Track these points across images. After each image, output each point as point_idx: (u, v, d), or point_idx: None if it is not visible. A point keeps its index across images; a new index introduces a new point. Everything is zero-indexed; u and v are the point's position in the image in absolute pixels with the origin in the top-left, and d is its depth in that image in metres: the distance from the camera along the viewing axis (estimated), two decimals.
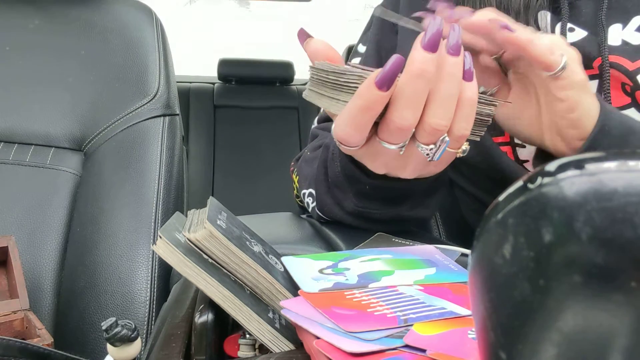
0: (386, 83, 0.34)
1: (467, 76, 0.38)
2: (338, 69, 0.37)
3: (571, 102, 0.42)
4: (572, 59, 0.43)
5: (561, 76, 0.41)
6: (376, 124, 0.38)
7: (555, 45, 0.41)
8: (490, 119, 0.41)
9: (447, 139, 0.38)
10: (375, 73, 0.35)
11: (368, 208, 0.53)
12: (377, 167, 0.42)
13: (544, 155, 0.50)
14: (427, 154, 0.39)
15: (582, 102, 0.42)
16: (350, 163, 0.48)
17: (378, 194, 0.51)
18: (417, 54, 0.35)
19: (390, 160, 0.41)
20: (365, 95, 0.35)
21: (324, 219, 0.60)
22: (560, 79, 0.42)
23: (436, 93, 0.36)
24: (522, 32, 0.40)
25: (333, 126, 0.39)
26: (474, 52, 0.44)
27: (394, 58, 0.34)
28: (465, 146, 0.40)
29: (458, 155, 0.40)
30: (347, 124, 0.37)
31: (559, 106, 0.43)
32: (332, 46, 0.40)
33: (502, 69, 0.47)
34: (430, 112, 0.37)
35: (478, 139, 0.41)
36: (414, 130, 0.37)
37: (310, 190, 0.60)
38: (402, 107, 0.36)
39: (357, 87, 0.36)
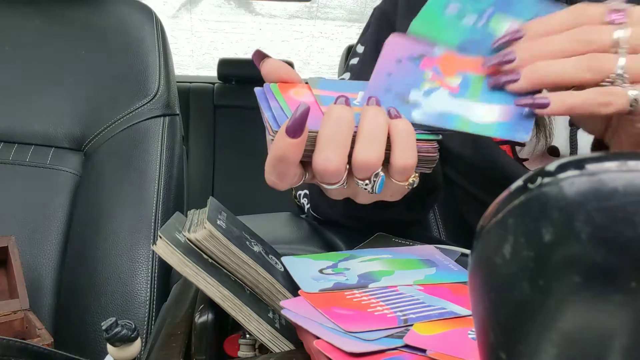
0: (296, 131, 0.34)
1: (392, 116, 0.37)
2: (267, 108, 0.38)
3: None
4: None
5: (632, 113, 0.34)
6: None
7: (611, 93, 0.33)
8: (436, 155, 0.39)
9: (381, 174, 0.37)
10: (286, 123, 0.35)
11: (357, 211, 0.53)
12: (333, 195, 0.41)
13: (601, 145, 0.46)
14: (365, 188, 0.38)
15: None
16: None
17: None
18: (333, 107, 0.36)
19: (340, 193, 0.40)
20: (278, 144, 0.35)
21: (320, 220, 0.60)
22: (631, 114, 0.34)
23: (361, 130, 0.36)
24: (555, 104, 0.34)
25: None
26: None
27: (301, 107, 0.34)
28: (414, 179, 0.38)
29: (407, 188, 0.39)
30: (269, 172, 0.37)
31: (630, 129, 0.36)
32: (287, 65, 0.40)
33: None
34: (358, 147, 0.36)
35: (429, 171, 0.40)
36: (348, 167, 0.37)
37: (305, 191, 0.60)
38: (324, 148, 0.36)
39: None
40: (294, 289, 0.38)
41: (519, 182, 0.17)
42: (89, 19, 0.84)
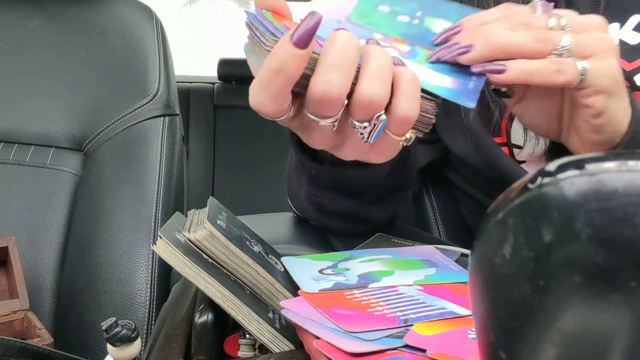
0: (303, 40, 0.31)
1: (395, 63, 0.34)
2: (264, 28, 0.34)
3: (597, 108, 0.37)
4: (605, 53, 0.36)
5: (582, 85, 0.36)
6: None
7: (562, 62, 0.35)
8: (433, 117, 0.36)
9: (383, 117, 0.34)
10: (291, 31, 0.31)
11: (319, 197, 0.50)
12: (314, 143, 0.38)
13: (556, 150, 0.47)
14: (362, 134, 0.34)
15: (609, 108, 0.37)
16: (297, 146, 0.45)
17: (325, 180, 0.47)
18: (339, 32, 0.33)
19: (325, 137, 0.37)
20: (279, 54, 0.31)
21: (295, 213, 0.59)
22: (582, 89, 0.36)
23: (368, 65, 0.33)
24: (513, 70, 0.35)
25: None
26: None
27: (311, 14, 0.31)
28: (410, 134, 0.36)
29: (402, 144, 0.36)
30: (259, 89, 0.33)
31: (583, 110, 0.38)
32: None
33: None
34: (363, 81, 0.33)
35: (421, 135, 0.37)
36: (345, 102, 0.34)
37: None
38: (327, 69, 0.32)
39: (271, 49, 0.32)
40: (294, 289, 0.38)
41: (519, 182, 0.17)
42: (89, 19, 0.84)
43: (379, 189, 0.50)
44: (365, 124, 0.34)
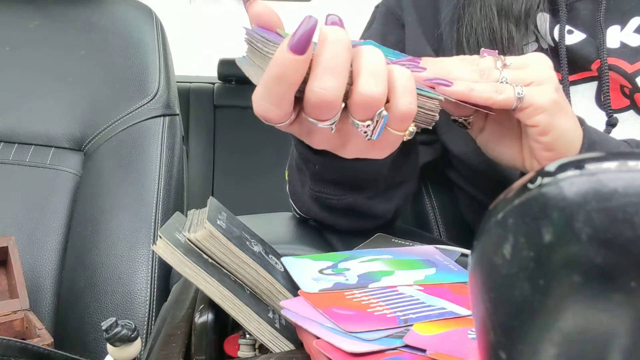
0: (301, 45, 0.32)
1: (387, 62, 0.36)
2: (266, 37, 0.35)
3: (542, 126, 0.40)
4: (542, 81, 0.40)
5: (522, 106, 0.39)
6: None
7: (501, 85, 0.40)
8: (436, 115, 0.38)
9: (384, 113, 0.35)
10: (289, 37, 0.32)
11: (323, 192, 0.50)
12: (316, 144, 0.39)
13: None
14: (365, 132, 0.35)
15: (554, 124, 0.40)
16: (300, 143, 0.45)
17: (330, 175, 0.48)
18: (328, 30, 0.33)
19: (326, 138, 0.38)
20: (279, 61, 0.32)
21: (299, 214, 0.58)
22: (522, 110, 0.40)
23: (361, 62, 0.34)
24: (458, 85, 0.39)
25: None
26: None
27: (307, 19, 0.32)
28: (412, 128, 0.37)
29: (405, 139, 0.37)
30: (263, 96, 0.34)
31: (530, 130, 0.41)
32: (274, 11, 0.37)
33: None
34: (361, 81, 0.34)
35: (429, 127, 0.39)
36: (342, 105, 0.35)
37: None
38: (321, 73, 0.33)
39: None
40: (294, 289, 0.38)
41: (519, 183, 0.17)
42: (89, 19, 0.84)
43: (383, 182, 0.50)
44: (368, 122, 0.35)
